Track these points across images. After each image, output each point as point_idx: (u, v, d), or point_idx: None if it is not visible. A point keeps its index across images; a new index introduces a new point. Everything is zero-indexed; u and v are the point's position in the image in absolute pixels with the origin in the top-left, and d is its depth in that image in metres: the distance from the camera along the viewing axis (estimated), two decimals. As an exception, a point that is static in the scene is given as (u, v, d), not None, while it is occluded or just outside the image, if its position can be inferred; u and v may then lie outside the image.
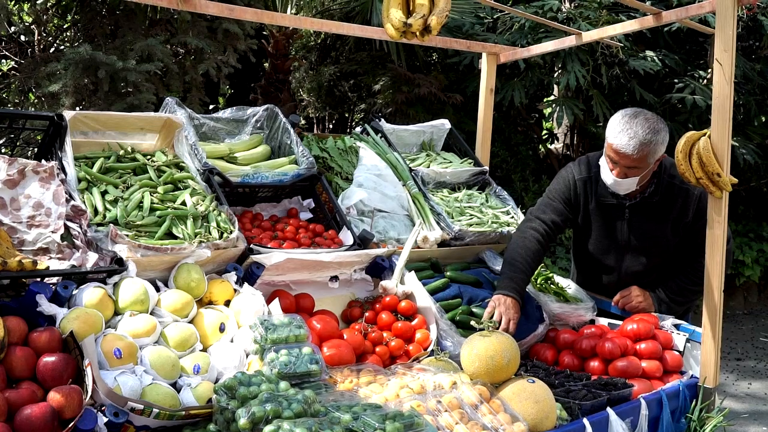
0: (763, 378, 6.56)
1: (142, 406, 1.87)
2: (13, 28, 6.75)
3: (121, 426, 1.87)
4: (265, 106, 3.30)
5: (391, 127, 3.78)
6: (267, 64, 8.49)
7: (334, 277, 2.88)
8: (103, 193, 2.50)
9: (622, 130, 2.83)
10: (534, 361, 2.80)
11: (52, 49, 6.84)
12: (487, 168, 3.82)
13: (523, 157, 8.77)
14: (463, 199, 3.53)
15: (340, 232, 2.97)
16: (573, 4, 7.26)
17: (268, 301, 2.50)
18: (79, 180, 2.49)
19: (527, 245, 3.02)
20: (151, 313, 2.25)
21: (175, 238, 2.46)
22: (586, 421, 2.32)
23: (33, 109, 6.38)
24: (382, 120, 3.77)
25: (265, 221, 2.97)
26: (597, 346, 2.80)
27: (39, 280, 2.10)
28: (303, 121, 9.44)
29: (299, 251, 2.72)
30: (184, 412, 1.95)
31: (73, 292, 2.13)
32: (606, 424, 2.38)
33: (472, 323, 2.60)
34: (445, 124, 3.99)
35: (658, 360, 2.82)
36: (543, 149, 9.43)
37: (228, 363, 2.22)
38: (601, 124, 7.81)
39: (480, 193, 3.66)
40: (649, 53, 7.49)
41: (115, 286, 2.24)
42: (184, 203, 2.59)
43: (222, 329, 2.33)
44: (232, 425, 1.90)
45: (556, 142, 9.53)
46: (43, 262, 2.11)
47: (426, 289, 2.89)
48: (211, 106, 8.68)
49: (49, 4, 6.71)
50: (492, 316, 2.78)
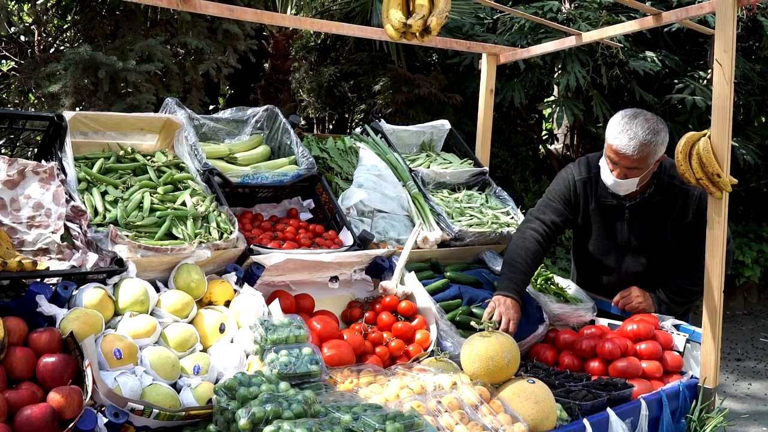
0: (763, 378, 6.56)
1: (142, 407, 1.87)
2: (13, 29, 6.74)
3: (121, 426, 1.87)
4: (265, 107, 3.30)
5: (391, 128, 3.77)
6: (267, 65, 8.49)
7: (334, 278, 2.88)
8: (103, 194, 2.50)
9: (622, 131, 2.83)
10: (534, 362, 2.80)
11: (52, 50, 6.84)
12: (487, 168, 3.82)
13: (523, 157, 8.76)
14: (463, 199, 3.53)
15: (340, 233, 2.97)
16: (573, 5, 7.26)
17: (268, 301, 2.50)
18: (79, 180, 2.49)
19: (527, 246, 3.02)
20: (151, 314, 2.25)
21: (175, 238, 2.46)
22: (586, 421, 2.32)
23: (33, 109, 6.37)
24: (382, 120, 3.77)
25: (265, 222, 2.97)
26: (597, 346, 2.80)
27: (39, 280, 2.10)
28: (303, 122, 9.43)
29: (299, 252, 2.72)
30: (184, 413, 1.95)
31: (73, 293, 2.13)
32: (606, 424, 2.38)
33: (472, 324, 2.60)
34: (445, 124, 3.99)
35: (658, 360, 2.82)
36: (543, 150, 9.43)
37: (228, 363, 2.22)
38: (601, 125, 7.81)
39: (480, 193, 3.66)
40: (649, 54, 7.49)
41: (115, 286, 2.24)
42: (184, 204, 2.59)
43: (222, 330, 2.33)
44: (232, 426, 1.90)
45: (556, 142, 9.53)
46: (43, 263, 2.11)
47: (426, 289, 2.89)
48: (211, 107, 8.68)
49: (49, 4, 6.71)
50: (492, 317, 2.78)
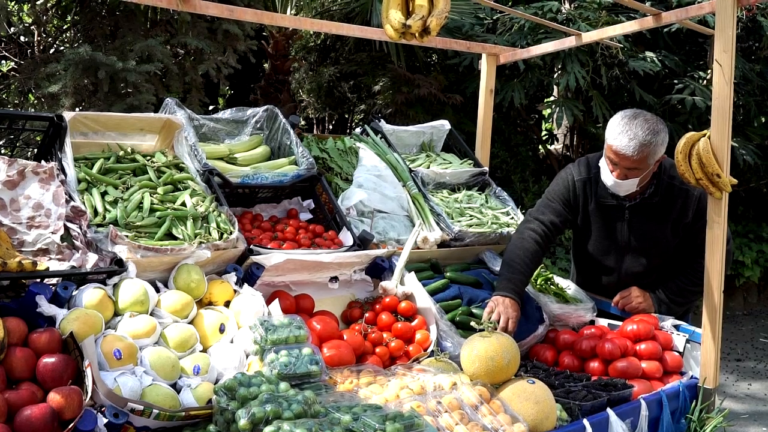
0: (763, 379, 6.56)
1: (142, 407, 1.87)
2: (12, 29, 6.74)
3: (121, 427, 1.87)
4: (265, 107, 3.30)
5: (391, 128, 3.77)
6: (267, 65, 8.49)
7: (334, 278, 2.88)
8: (103, 194, 2.50)
9: (621, 132, 2.83)
10: (534, 362, 2.80)
11: (52, 50, 6.84)
12: (486, 169, 3.82)
13: (523, 157, 8.76)
14: (463, 199, 3.53)
15: (339, 233, 2.97)
16: (573, 5, 7.26)
17: (268, 301, 2.50)
18: (79, 181, 2.49)
19: (525, 246, 3.02)
20: (151, 314, 2.25)
21: (174, 238, 2.46)
22: (586, 421, 2.32)
23: (33, 109, 6.37)
24: (382, 121, 3.77)
25: (264, 222, 2.97)
26: (597, 346, 2.80)
27: (39, 281, 2.10)
28: (303, 122, 9.42)
29: (299, 252, 2.72)
30: (184, 413, 1.95)
31: (73, 293, 2.13)
32: (606, 424, 2.38)
33: (472, 324, 2.60)
34: (444, 124, 3.99)
35: (658, 361, 2.82)
36: (543, 150, 9.43)
37: (228, 364, 2.22)
38: (600, 125, 7.81)
39: (480, 193, 3.66)
40: (648, 54, 7.49)
41: (115, 286, 2.24)
42: (183, 204, 2.59)
43: (222, 330, 2.33)
44: (232, 426, 1.90)
45: (555, 142, 9.53)
46: (43, 263, 2.11)
47: (426, 289, 2.89)
48: (210, 107, 8.67)
49: (48, 4, 6.71)
50: (491, 317, 2.78)
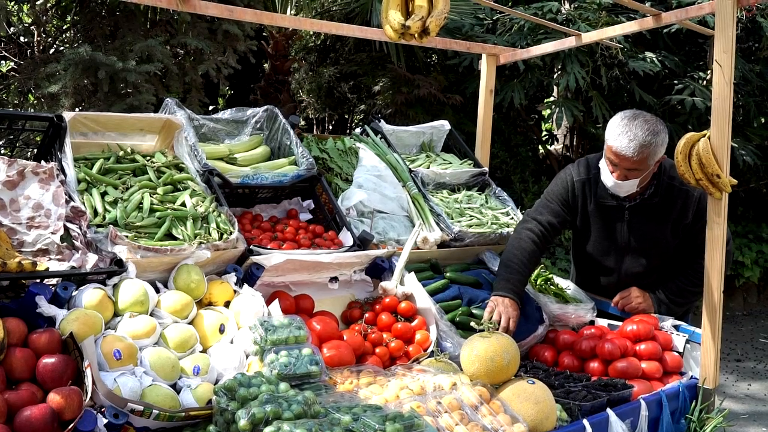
0: (763, 379, 6.56)
1: (141, 408, 1.87)
2: (12, 29, 6.74)
3: (120, 427, 1.87)
4: (265, 107, 3.30)
5: (391, 128, 3.77)
6: (267, 65, 8.49)
7: (334, 278, 2.88)
8: (103, 194, 2.50)
9: (621, 133, 2.83)
10: (534, 362, 2.80)
11: (52, 50, 6.84)
12: (486, 169, 3.82)
13: (523, 158, 8.76)
14: (463, 200, 3.53)
15: (339, 233, 2.97)
16: (572, 6, 7.26)
17: (268, 302, 2.50)
18: (79, 181, 2.49)
19: (523, 246, 3.02)
20: (150, 315, 2.25)
21: (174, 239, 2.46)
22: (586, 422, 2.32)
23: (32, 110, 6.37)
24: (382, 121, 3.77)
25: (264, 222, 2.97)
26: (597, 347, 2.80)
27: (38, 281, 2.10)
28: (303, 122, 9.43)
29: (299, 252, 2.72)
30: (183, 414, 1.95)
31: (73, 294, 2.13)
32: (606, 425, 2.38)
33: (472, 324, 2.60)
34: (444, 125, 3.99)
35: (657, 361, 2.82)
36: (542, 150, 9.43)
37: (228, 364, 2.22)
38: (600, 126, 7.81)
39: (480, 194, 3.66)
40: (648, 54, 7.49)
41: (115, 287, 2.24)
42: (183, 204, 2.59)
43: (222, 330, 2.33)
44: (231, 426, 1.90)
45: (555, 143, 9.53)
46: (43, 264, 2.11)
47: (426, 290, 2.89)
48: (210, 107, 8.67)
49: (48, 4, 6.71)
50: (491, 318, 2.78)
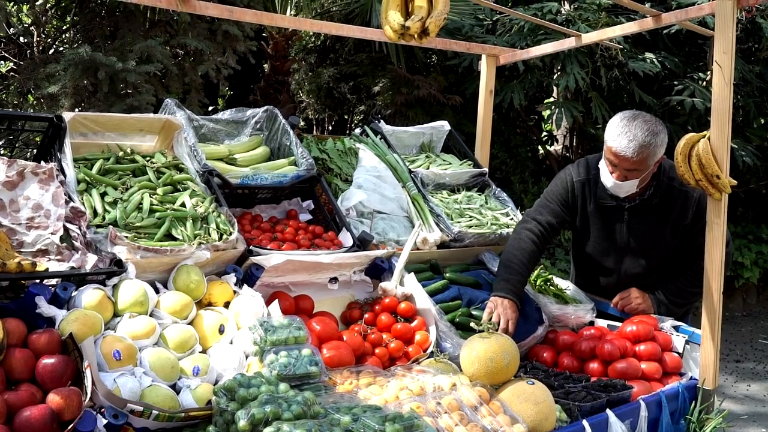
0: (762, 380, 6.56)
1: (141, 408, 1.87)
2: (12, 30, 6.74)
3: (120, 428, 1.87)
4: (265, 108, 3.30)
5: (391, 129, 3.77)
6: (266, 66, 8.50)
7: (334, 279, 2.88)
8: (103, 195, 2.50)
9: (621, 133, 2.83)
10: (533, 363, 2.80)
11: (52, 51, 6.84)
12: (486, 170, 3.82)
13: (523, 158, 8.76)
14: (463, 200, 3.53)
15: (339, 234, 2.97)
16: (572, 6, 7.26)
17: (268, 302, 2.50)
18: (79, 181, 2.49)
19: (522, 246, 3.02)
20: (150, 315, 2.25)
21: (174, 239, 2.46)
22: (585, 422, 2.32)
23: (32, 110, 6.37)
24: (382, 121, 3.77)
25: (264, 223, 2.97)
26: (596, 347, 2.80)
27: (38, 281, 2.10)
28: (302, 123, 9.43)
29: (299, 253, 2.71)
30: (183, 414, 1.95)
31: (73, 294, 2.13)
32: (605, 425, 2.38)
33: (472, 325, 2.60)
34: (444, 125, 3.99)
35: (657, 362, 2.82)
36: (542, 151, 9.43)
37: (227, 364, 2.22)
38: (600, 126, 7.81)
39: (479, 194, 3.66)
40: (648, 55, 7.49)
41: (115, 287, 2.24)
42: (183, 205, 2.59)
43: (221, 331, 2.32)
44: (231, 427, 1.90)
45: (555, 143, 9.53)
46: (42, 264, 2.11)
47: (425, 290, 2.88)
48: (210, 108, 8.67)
49: (48, 5, 6.71)
50: (491, 318, 2.78)
